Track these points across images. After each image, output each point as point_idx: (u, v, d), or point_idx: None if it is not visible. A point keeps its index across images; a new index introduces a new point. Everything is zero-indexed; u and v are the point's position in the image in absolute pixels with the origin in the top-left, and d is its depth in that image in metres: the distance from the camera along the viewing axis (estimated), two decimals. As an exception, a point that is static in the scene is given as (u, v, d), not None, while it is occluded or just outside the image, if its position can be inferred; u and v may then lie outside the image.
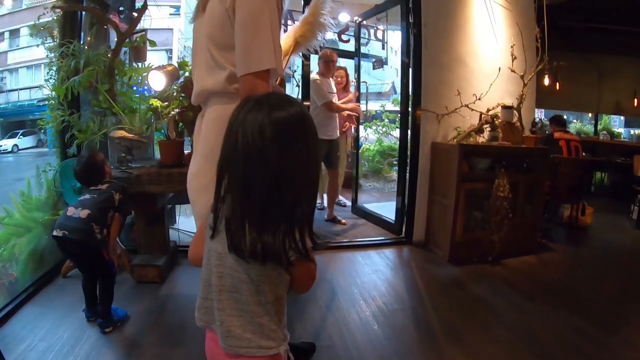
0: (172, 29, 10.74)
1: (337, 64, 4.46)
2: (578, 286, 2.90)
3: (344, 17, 4.33)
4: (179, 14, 10.73)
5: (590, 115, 7.69)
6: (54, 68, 2.96)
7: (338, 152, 4.26)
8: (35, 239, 2.69)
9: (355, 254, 3.36)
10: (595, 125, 7.16)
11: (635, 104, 6.86)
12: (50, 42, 3.06)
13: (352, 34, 4.69)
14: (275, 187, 0.80)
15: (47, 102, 3.10)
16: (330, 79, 4.14)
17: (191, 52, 1.42)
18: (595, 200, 5.64)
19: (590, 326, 2.29)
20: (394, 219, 3.88)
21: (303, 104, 0.94)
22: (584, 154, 4.41)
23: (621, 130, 7.72)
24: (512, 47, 3.65)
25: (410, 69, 3.57)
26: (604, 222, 4.73)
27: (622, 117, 8.03)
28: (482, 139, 3.47)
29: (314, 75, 3.95)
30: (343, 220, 4.23)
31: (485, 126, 3.41)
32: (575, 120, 7.96)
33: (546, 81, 4.84)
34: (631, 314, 2.53)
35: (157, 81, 2.75)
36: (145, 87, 3.04)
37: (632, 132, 7.48)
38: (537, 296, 2.68)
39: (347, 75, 4.62)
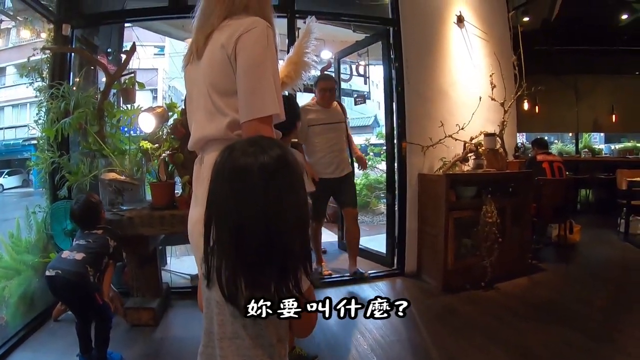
0: (156, 69, 10.83)
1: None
2: (570, 303, 2.96)
3: (326, 55, 4.43)
4: (163, 54, 10.84)
5: (570, 134, 7.89)
6: (44, 109, 3.00)
7: (353, 188, 3.66)
8: (26, 282, 2.67)
9: (348, 288, 3.34)
10: (576, 144, 7.35)
11: (614, 119, 7.09)
12: (39, 82, 3.09)
13: (334, 70, 4.76)
14: (265, 231, 0.79)
15: (35, 143, 3.11)
16: (336, 104, 3.58)
17: (185, 98, 1.41)
18: (582, 217, 5.75)
19: (585, 339, 2.34)
20: (385, 251, 3.86)
21: (284, 145, 0.94)
22: (567, 173, 4.51)
23: (602, 146, 7.92)
24: (491, 76, 3.79)
25: (394, 103, 3.66)
26: (592, 237, 4.82)
27: (602, 134, 8.25)
28: (468, 167, 3.55)
29: (307, 102, 3.60)
30: (366, 274, 3.51)
31: (469, 155, 3.50)
32: (556, 141, 8.13)
33: (525, 106, 5.00)
34: (624, 324, 2.59)
35: (147, 123, 2.79)
36: (131, 128, 3.07)
37: (612, 147, 7.68)
38: (531, 316, 2.72)
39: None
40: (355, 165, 3.91)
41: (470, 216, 3.24)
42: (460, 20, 3.75)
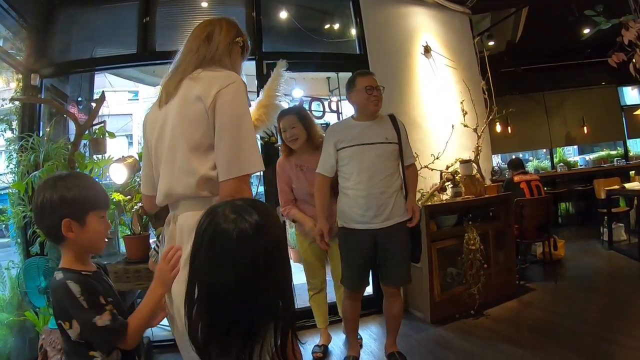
0: (131, 114, 10.78)
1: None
2: (563, 320, 2.93)
3: (298, 93, 4.42)
4: (137, 99, 10.81)
5: (544, 150, 8.05)
6: (14, 161, 2.94)
7: (403, 249, 2.41)
8: (1, 342, 2.56)
9: (337, 330, 3.13)
10: (552, 159, 7.47)
11: (585, 131, 7.28)
12: (8, 131, 3.03)
13: (307, 108, 4.64)
14: (237, 297, 0.83)
15: (7, 191, 3.04)
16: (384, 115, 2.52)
17: (149, 150, 1.34)
18: (564, 230, 5.82)
19: (582, 357, 2.30)
20: (371, 291, 3.57)
21: (265, 211, 0.95)
22: (545, 189, 4.56)
23: (577, 158, 8.05)
24: (461, 103, 3.86)
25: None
26: (577, 250, 4.87)
27: (575, 146, 8.43)
28: (446, 196, 3.55)
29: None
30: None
31: (447, 183, 3.51)
32: (531, 158, 8.29)
33: (498, 128, 5.09)
34: (619, 334, 2.57)
35: (118, 174, 2.72)
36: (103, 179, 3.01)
37: (587, 158, 7.84)
38: (524, 340, 2.68)
39: (300, 125, 2.53)
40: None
41: (453, 245, 3.23)
42: (427, 50, 3.83)
